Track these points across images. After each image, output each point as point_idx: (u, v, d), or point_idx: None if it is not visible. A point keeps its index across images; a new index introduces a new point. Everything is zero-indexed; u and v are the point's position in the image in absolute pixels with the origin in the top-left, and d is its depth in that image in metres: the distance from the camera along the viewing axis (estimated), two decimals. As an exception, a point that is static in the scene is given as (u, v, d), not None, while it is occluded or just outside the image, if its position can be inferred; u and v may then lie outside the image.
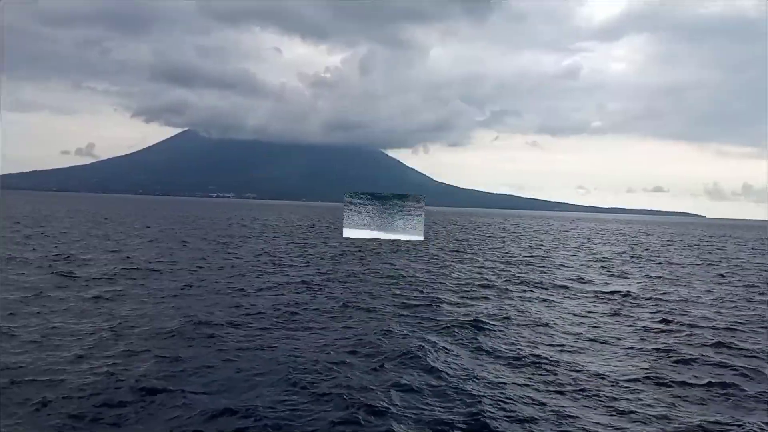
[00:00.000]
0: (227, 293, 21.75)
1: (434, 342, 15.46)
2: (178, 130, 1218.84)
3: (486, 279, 28.94)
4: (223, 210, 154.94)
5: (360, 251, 42.08)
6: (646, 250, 57.31)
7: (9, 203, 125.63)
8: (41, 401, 10.36)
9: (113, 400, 10.52)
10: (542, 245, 58.52)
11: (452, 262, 37.26)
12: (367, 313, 19.17)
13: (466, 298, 23.16)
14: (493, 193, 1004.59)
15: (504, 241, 61.92)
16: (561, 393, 12.17)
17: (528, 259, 41.64)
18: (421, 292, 23.97)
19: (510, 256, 42.99)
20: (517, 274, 31.42)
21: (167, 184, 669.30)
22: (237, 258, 34.04)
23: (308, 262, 33.62)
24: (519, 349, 15.39)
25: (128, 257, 31.48)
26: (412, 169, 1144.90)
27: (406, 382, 12.13)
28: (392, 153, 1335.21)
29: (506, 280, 28.76)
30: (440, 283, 27.10)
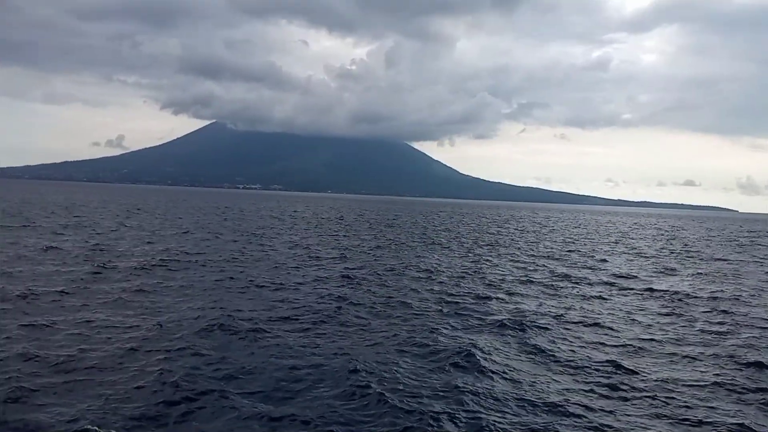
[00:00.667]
0: (267, 286, 21.43)
1: (484, 341, 14.86)
2: (206, 122, 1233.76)
3: (527, 274, 28.16)
4: (252, 201, 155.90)
5: (393, 244, 41.61)
6: (685, 245, 55.69)
7: (42, 192, 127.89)
8: (97, 395, 10.09)
9: (160, 399, 10.18)
10: (577, 239, 57.30)
11: (489, 257, 36.49)
12: (410, 309, 18.66)
13: (510, 294, 22.49)
14: (520, 186, 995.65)
15: (539, 236, 60.78)
16: (626, 400, 11.48)
17: (568, 254, 40.62)
18: (462, 287, 23.36)
19: (548, 251, 42.02)
20: (558, 269, 30.57)
21: (195, 176, 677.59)
22: (273, 250, 33.79)
23: (344, 255, 33.20)
24: (574, 350, 14.70)
25: (165, 249, 31.44)
26: (437, 161, 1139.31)
27: (461, 385, 11.57)
28: (418, 145, 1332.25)
29: (548, 276, 27.97)
30: (480, 278, 26.43)
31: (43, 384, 10.58)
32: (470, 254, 37.24)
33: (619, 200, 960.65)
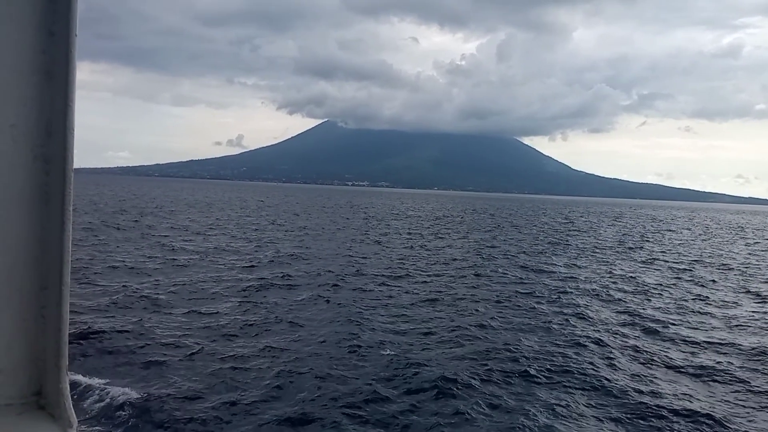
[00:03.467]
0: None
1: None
2: (318, 121, 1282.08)
3: (711, 294, 25.35)
4: (380, 198, 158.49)
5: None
6: None
7: (179, 189, 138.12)
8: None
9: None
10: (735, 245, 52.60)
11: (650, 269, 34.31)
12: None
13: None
14: (638, 183, 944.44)
15: (694, 239, 56.60)
16: None
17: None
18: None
19: (727, 260, 38.62)
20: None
21: (307, 173, 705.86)
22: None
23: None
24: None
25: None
26: (548, 157, 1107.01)
27: None
28: (528, 141, 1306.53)
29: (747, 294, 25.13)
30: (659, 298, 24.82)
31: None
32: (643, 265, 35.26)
33: (750, 198, 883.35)
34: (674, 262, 33.30)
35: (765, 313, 19.04)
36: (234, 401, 9.64)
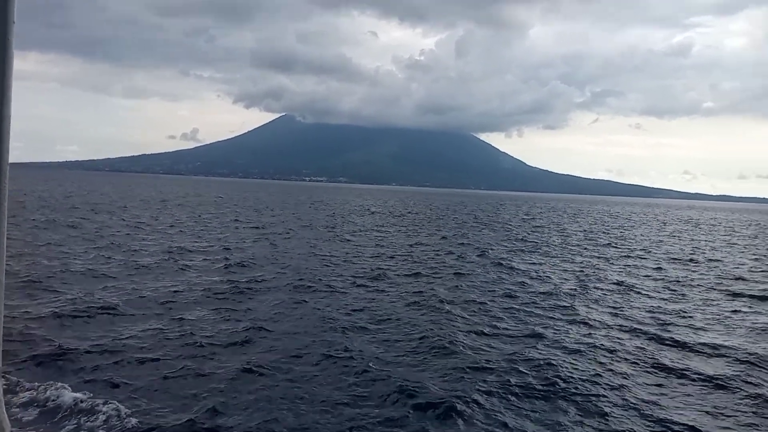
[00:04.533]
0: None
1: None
2: (276, 116, 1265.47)
3: (678, 287, 25.89)
4: (340, 194, 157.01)
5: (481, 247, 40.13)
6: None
7: (132, 184, 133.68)
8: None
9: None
10: (694, 240, 53.72)
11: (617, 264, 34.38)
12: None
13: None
14: (590, 179, 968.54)
15: (661, 238, 57.54)
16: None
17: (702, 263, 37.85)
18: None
19: (683, 257, 39.15)
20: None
21: (264, 168, 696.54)
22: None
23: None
24: None
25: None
26: (504, 153, 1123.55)
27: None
28: (484, 137, 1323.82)
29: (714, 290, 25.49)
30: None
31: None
32: (589, 262, 35.27)
33: (696, 193, 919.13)
34: (647, 258, 33.45)
35: (752, 311, 18.91)
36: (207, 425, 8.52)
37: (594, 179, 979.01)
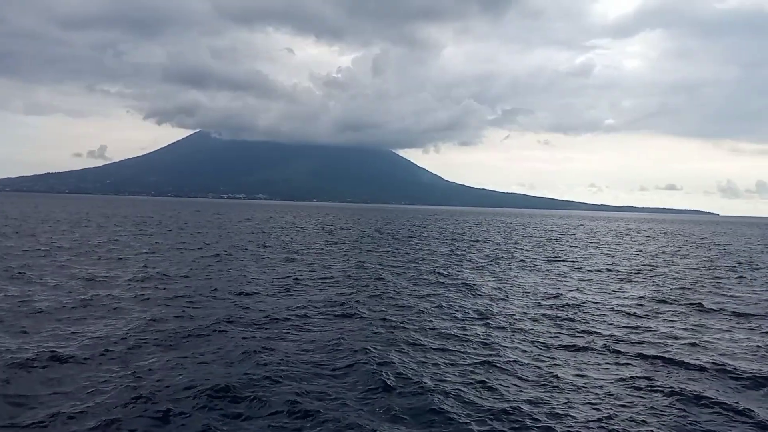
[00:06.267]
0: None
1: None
2: (190, 132, 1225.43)
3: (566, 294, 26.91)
4: (254, 211, 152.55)
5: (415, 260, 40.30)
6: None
7: (31, 204, 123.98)
8: None
9: None
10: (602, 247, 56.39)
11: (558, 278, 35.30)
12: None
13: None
14: (504, 192, 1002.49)
15: (568, 246, 59.85)
16: None
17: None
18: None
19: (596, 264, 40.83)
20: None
21: (179, 186, 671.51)
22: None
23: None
24: None
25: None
26: (422, 168, 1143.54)
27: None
28: (403, 153, 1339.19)
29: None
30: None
31: None
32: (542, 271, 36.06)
33: (602, 205, 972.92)
34: (584, 266, 34.49)
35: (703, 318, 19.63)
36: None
37: (508, 193, 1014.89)
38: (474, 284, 26.53)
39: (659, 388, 12.00)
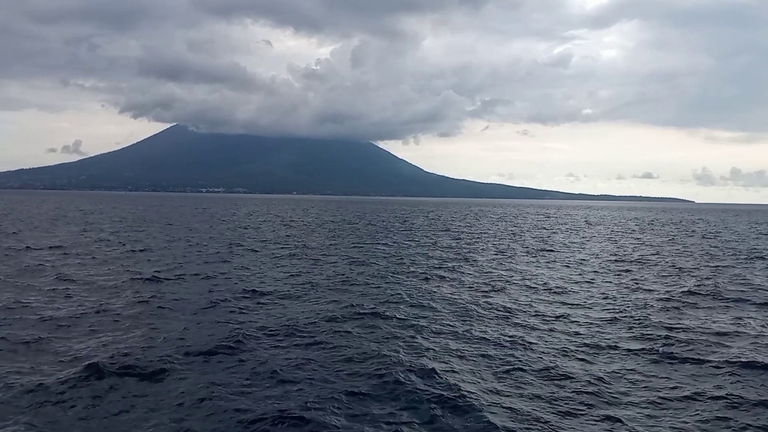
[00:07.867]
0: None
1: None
2: (167, 126, 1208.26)
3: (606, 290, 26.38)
4: (237, 204, 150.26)
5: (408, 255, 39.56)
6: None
7: (12, 201, 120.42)
8: None
9: None
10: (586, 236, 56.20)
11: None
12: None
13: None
14: (484, 183, 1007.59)
15: (552, 232, 59.56)
16: None
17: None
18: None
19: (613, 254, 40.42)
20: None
21: (157, 180, 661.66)
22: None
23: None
24: None
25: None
26: (402, 160, 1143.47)
27: None
28: (383, 145, 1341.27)
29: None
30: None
31: None
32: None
33: (580, 194, 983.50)
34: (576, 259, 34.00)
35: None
36: None
37: (487, 183, 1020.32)
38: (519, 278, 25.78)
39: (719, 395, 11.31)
